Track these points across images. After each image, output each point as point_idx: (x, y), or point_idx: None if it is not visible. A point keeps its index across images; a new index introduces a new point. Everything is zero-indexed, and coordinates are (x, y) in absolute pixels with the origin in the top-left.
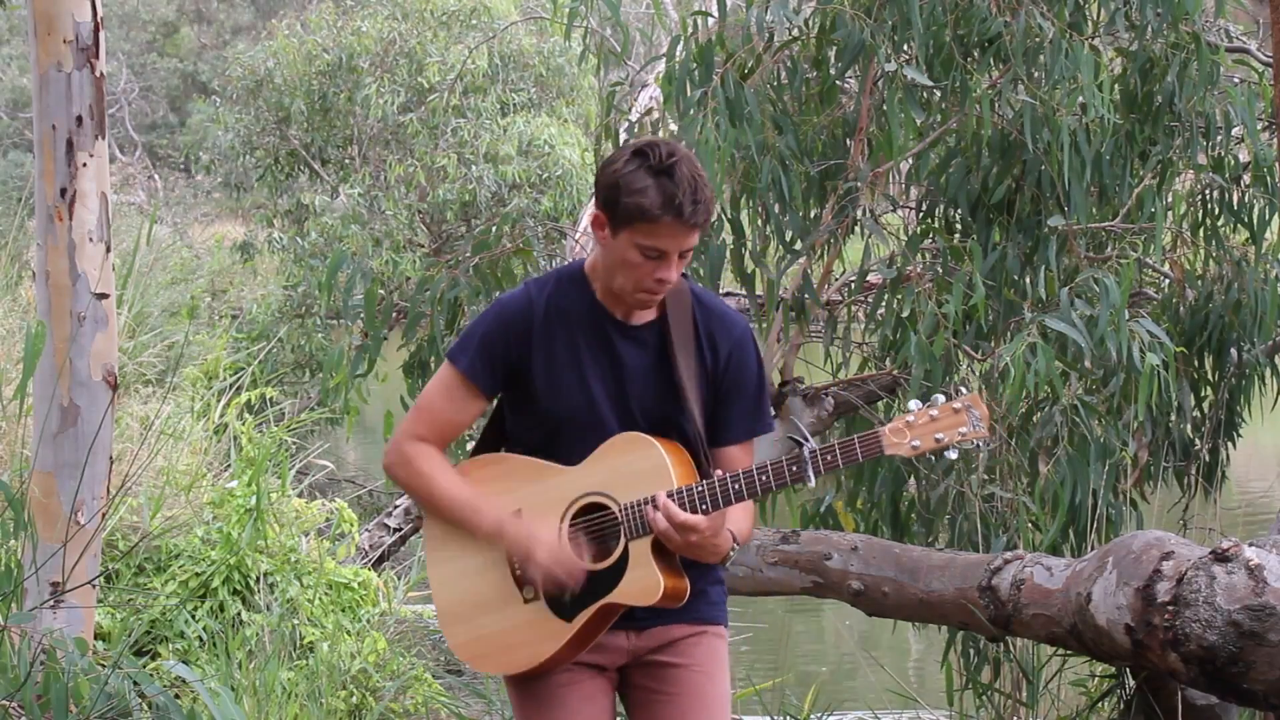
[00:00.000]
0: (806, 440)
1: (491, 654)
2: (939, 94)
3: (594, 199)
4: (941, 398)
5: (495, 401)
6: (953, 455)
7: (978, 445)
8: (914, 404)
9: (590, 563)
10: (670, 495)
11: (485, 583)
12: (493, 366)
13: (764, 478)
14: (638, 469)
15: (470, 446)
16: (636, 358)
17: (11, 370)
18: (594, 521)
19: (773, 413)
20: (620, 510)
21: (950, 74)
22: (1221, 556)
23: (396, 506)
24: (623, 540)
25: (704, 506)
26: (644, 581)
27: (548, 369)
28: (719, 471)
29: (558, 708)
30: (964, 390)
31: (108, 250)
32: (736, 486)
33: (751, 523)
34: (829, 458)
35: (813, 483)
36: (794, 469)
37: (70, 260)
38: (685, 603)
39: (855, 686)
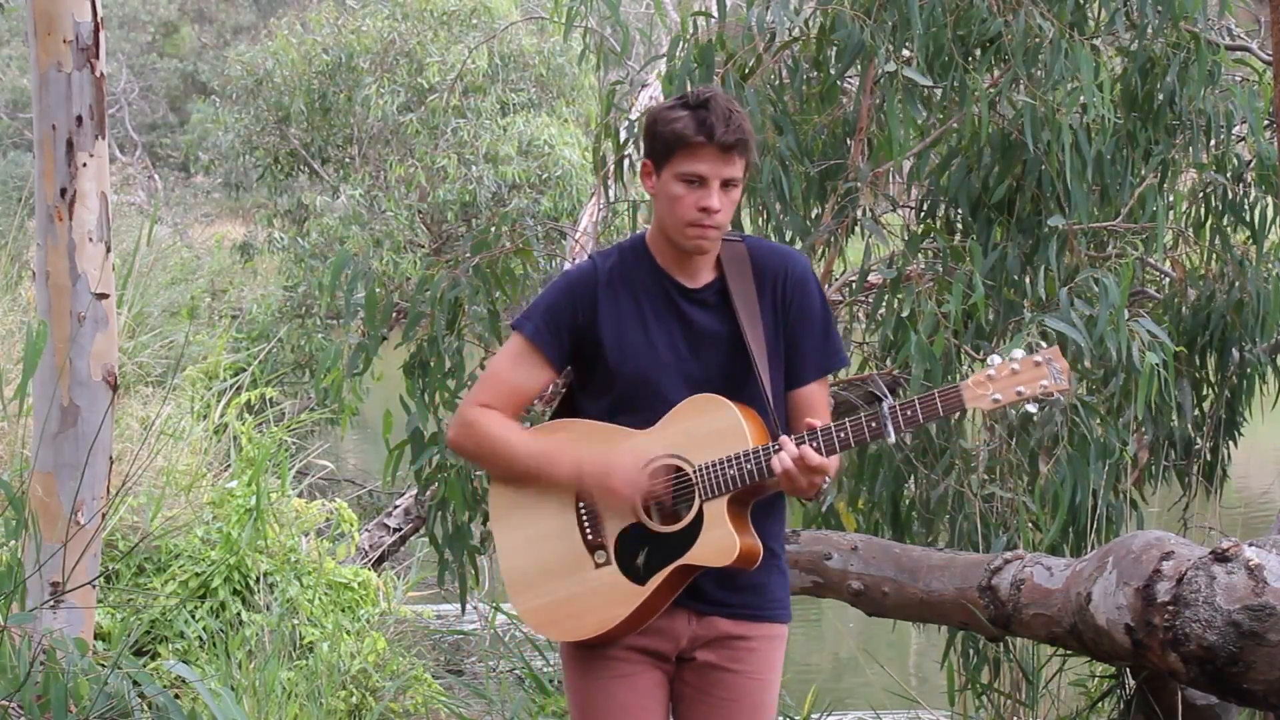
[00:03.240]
0: (885, 396)
1: (562, 620)
2: (939, 94)
3: (641, 152)
4: (1021, 352)
5: (563, 380)
6: (1033, 409)
7: (1059, 398)
8: (994, 358)
9: (661, 524)
10: (747, 456)
11: (555, 549)
12: (558, 332)
13: (843, 435)
14: (712, 430)
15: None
16: (704, 319)
17: (11, 370)
18: (666, 484)
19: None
20: (695, 472)
21: (950, 74)
22: (1221, 556)
23: (396, 507)
24: (697, 501)
25: None
26: (721, 542)
27: (615, 331)
28: (806, 416)
29: (615, 697)
30: (1043, 344)
31: (108, 250)
32: (815, 444)
33: (838, 462)
34: (909, 413)
35: (893, 438)
36: (873, 425)
37: (70, 260)
38: (747, 595)
39: (855, 686)
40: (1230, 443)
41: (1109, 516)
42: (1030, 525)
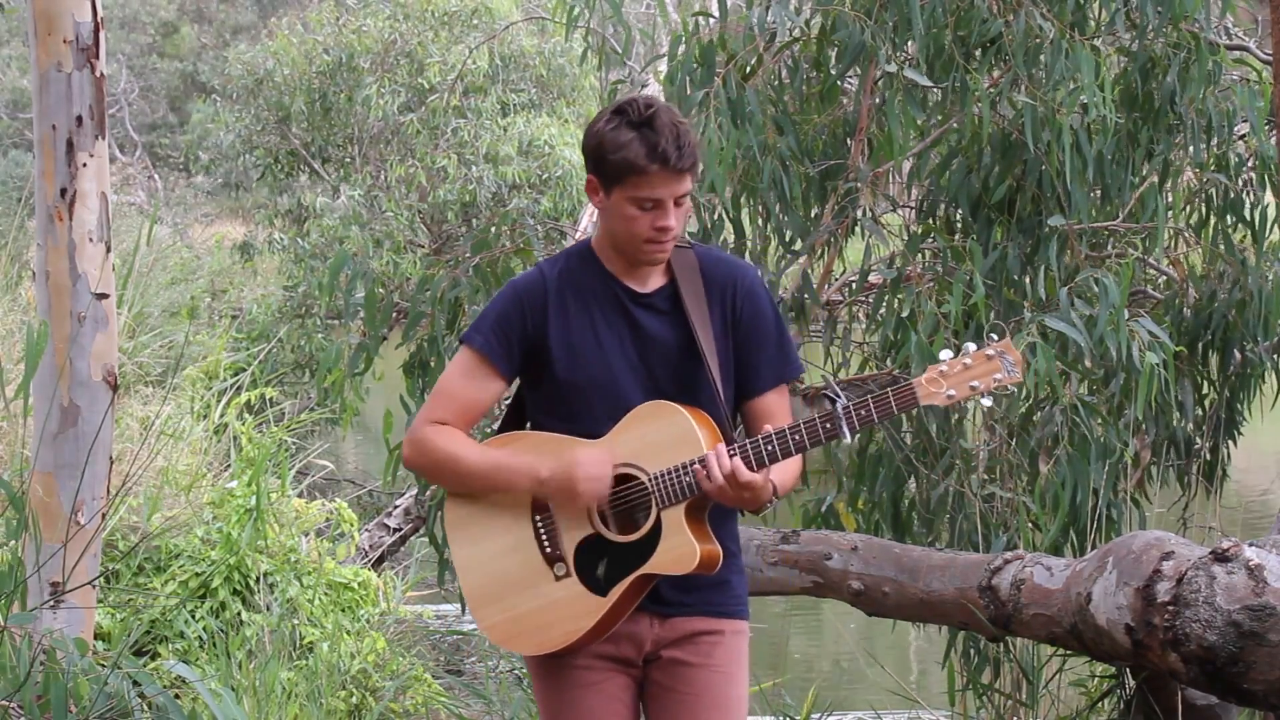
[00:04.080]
0: (839, 397)
1: (525, 634)
2: (939, 94)
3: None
4: (973, 346)
5: (514, 387)
6: (988, 403)
7: (1012, 391)
8: (945, 354)
9: (619, 534)
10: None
11: (514, 563)
12: (509, 343)
13: (797, 437)
14: (665, 437)
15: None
16: (654, 323)
17: (11, 370)
18: (622, 493)
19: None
20: (650, 480)
21: (951, 75)
22: (1221, 556)
23: (396, 507)
24: (654, 510)
25: None
26: (680, 550)
27: (564, 339)
28: (766, 427)
29: (584, 705)
30: (994, 337)
31: (108, 250)
32: (770, 448)
33: (797, 473)
34: (864, 413)
35: (849, 439)
36: (828, 426)
37: (70, 260)
38: (708, 593)
39: (855, 686)
40: (1230, 442)
41: (1109, 516)
42: (1030, 525)
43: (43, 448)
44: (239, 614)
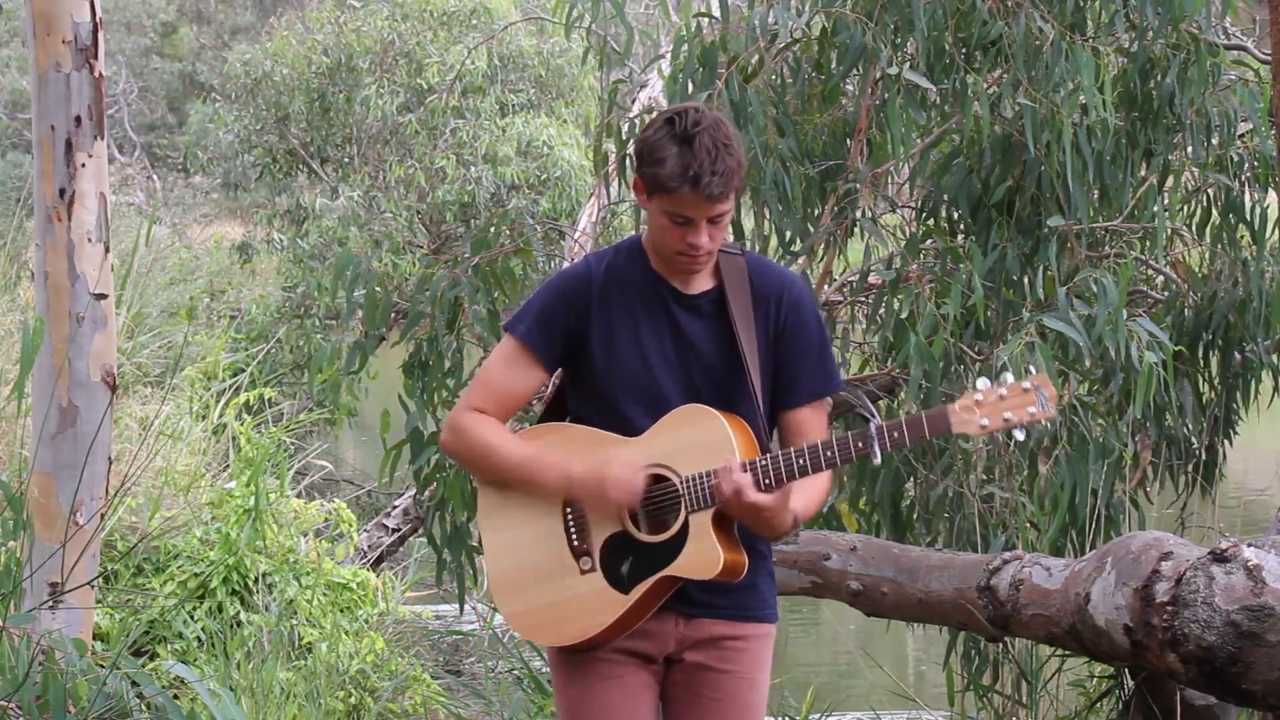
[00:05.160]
0: (873, 416)
1: (545, 625)
2: (940, 95)
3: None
4: (1010, 376)
5: (555, 380)
6: (1020, 436)
7: (1045, 425)
8: (982, 382)
9: (647, 534)
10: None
11: (541, 553)
12: (551, 334)
13: (829, 454)
14: (700, 441)
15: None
16: (696, 326)
17: (11, 370)
18: (653, 494)
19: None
20: (681, 483)
21: (951, 76)
22: (1220, 557)
23: (395, 507)
24: (683, 513)
25: (767, 482)
26: (704, 554)
27: (605, 337)
28: (800, 441)
29: (602, 701)
30: (1033, 370)
31: (106, 251)
32: (801, 462)
33: (823, 495)
34: (895, 434)
35: (878, 459)
36: (859, 445)
37: (69, 261)
38: (735, 596)
39: (855, 687)
40: (1226, 441)
41: (1108, 516)
42: (1029, 525)
43: (41, 448)
44: (238, 614)
